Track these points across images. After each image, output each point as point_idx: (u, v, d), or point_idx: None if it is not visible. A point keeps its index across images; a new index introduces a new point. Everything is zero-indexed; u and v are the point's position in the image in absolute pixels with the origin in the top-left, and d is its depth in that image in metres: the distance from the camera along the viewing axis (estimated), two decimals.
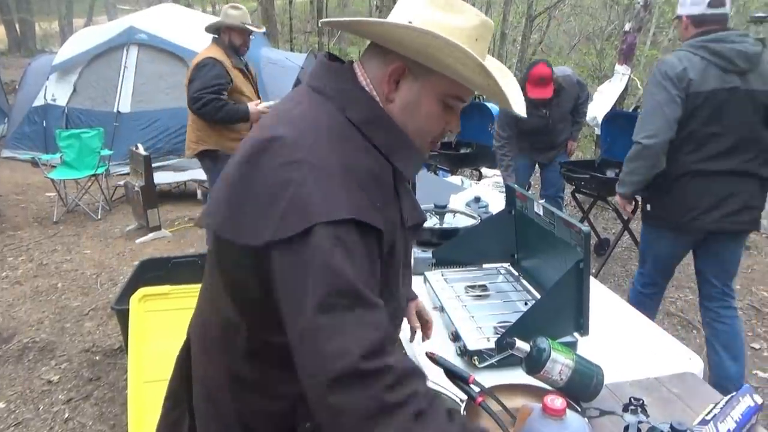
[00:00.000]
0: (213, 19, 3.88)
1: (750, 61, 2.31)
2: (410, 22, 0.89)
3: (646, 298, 2.72)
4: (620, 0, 11.38)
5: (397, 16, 0.94)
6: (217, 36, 3.60)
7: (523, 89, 3.52)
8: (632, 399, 1.13)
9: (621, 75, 5.26)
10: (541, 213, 1.67)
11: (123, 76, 7.18)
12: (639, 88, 7.51)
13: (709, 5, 2.38)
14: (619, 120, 4.41)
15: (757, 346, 3.26)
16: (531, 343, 1.29)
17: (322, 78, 0.97)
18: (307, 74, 1.00)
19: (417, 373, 0.81)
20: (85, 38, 7.66)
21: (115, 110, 7.11)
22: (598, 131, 5.15)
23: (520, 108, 0.99)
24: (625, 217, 3.39)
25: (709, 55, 2.31)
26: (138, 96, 7.20)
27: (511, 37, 13.56)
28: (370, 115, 0.93)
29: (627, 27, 5.29)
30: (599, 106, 5.19)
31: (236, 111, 3.49)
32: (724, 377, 2.53)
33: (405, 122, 0.95)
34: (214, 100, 3.41)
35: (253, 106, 3.55)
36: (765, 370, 2.99)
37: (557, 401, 0.93)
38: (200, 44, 3.82)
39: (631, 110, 5.61)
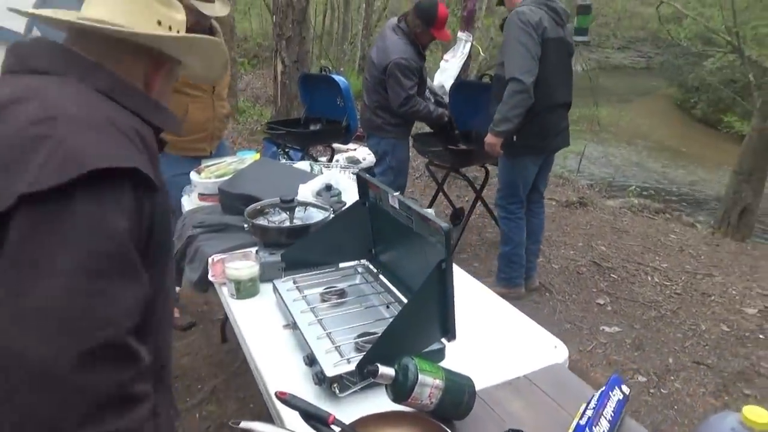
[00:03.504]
0: None
1: (566, 16, 3.06)
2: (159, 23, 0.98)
3: (520, 221, 3.31)
4: None
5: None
6: None
7: (434, 33, 3.46)
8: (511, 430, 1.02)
9: (464, 42, 5.30)
10: (396, 206, 1.51)
11: None
12: (481, 54, 7.74)
13: None
14: (466, 89, 4.41)
15: (601, 301, 3.47)
16: (396, 367, 1.13)
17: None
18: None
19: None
20: None
21: None
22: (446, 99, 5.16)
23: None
24: (494, 155, 3.58)
25: (548, 10, 2.95)
26: None
27: (356, 4, 13.37)
28: (115, 84, 0.89)
29: None
30: (446, 74, 5.20)
31: None
32: (528, 252, 3.42)
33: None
34: None
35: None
36: (610, 325, 3.20)
37: None
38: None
39: (475, 78, 5.70)
